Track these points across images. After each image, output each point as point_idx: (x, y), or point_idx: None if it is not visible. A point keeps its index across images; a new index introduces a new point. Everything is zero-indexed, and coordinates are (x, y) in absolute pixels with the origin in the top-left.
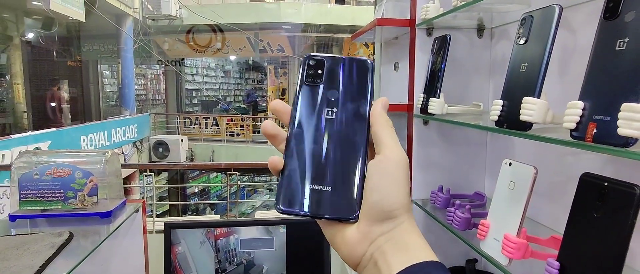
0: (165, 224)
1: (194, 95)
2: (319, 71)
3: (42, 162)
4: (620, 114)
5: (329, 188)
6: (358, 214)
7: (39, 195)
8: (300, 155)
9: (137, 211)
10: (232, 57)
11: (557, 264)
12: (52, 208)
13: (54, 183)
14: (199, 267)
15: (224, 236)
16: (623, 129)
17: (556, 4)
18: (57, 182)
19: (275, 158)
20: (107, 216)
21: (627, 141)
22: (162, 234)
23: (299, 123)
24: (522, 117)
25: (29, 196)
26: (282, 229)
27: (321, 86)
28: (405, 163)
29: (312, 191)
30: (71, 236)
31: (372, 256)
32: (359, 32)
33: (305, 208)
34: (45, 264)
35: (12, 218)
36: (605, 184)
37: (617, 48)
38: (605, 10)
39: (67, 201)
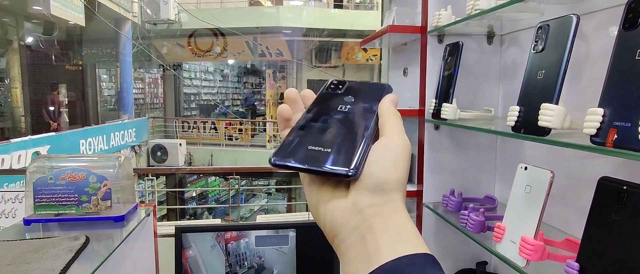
0: (176, 228)
1: (192, 99)
2: (340, 86)
3: (57, 166)
4: None
5: (329, 149)
6: (357, 171)
7: (54, 199)
8: (308, 127)
9: (148, 215)
10: (231, 61)
11: (577, 265)
12: (67, 212)
13: (69, 187)
14: (210, 271)
15: (235, 239)
16: None
17: (573, 14)
18: (72, 186)
19: (285, 106)
20: (120, 220)
21: None
22: (169, 238)
23: (314, 108)
24: (541, 123)
25: (43, 200)
26: (292, 233)
27: (340, 93)
28: (405, 146)
29: (311, 150)
30: (88, 240)
31: (358, 228)
32: (368, 39)
33: (301, 162)
34: (67, 267)
35: (27, 221)
36: (624, 187)
37: (636, 57)
38: (624, 20)
39: (81, 205)
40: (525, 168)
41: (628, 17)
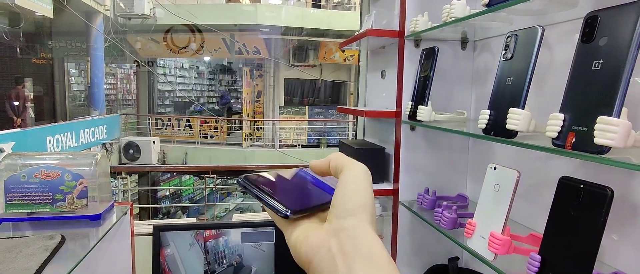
0: (154, 227)
1: (166, 96)
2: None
3: (29, 164)
4: (596, 126)
5: (282, 194)
6: (290, 213)
7: (27, 198)
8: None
9: (125, 213)
10: (207, 58)
11: (539, 257)
12: (40, 211)
13: (43, 186)
14: (188, 269)
15: (213, 237)
16: (599, 139)
17: (538, 26)
18: (46, 184)
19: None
20: (96, 218)
21: (602, 149)
22: (146, 237)
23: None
24: (509, 126)
25: (15, 198)
26: (271, 230)
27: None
28: (365, 172)
29: (268, 187)
30: (63, 239)
31: (330, 250)
32: (348, 41)
33: (257, 191)
34: (42, 266)
35: None
36: (581, 186)
37: (592, 68)
38: (582, 34)
39: (55, 204)
40: (495, 168)
41: (585, 31)
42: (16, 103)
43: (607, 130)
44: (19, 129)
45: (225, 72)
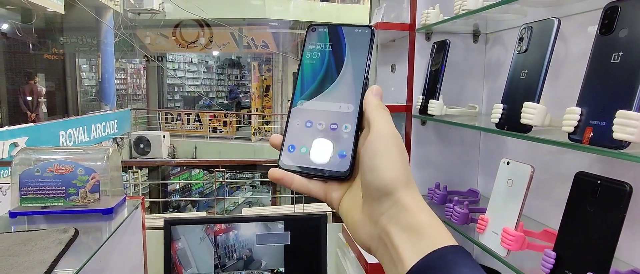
0: (165, 221)
1: (175, 90)
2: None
3: (43, 158)
4: (615, 120)
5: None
6: (349, 171)
7: (41, 192)
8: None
9: (136, 207)
10: (216, 53)
11: (553, 254)
12: (54, 204)
13: (56, 180)
14: (199, 263)
15: (224, 231)
16: (618, 134)
17: (555, 17)
18: (59, 179)
19: (276, 136)
20: (108, 212)
21: (621, 144)
22: (158, 230)
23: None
24: (523, 121)
25: (30, 192)
26: (281, 225)
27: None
28: (393, 137)
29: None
30: (77, 232)
31: (380, 238)
32: None
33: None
34: (57, 259)
35: (13, 214)
36: (598, 181)
37: (612, 61)
38: (601, 26)
39: (68, 198)
40: (508, 163)
41: (604, 22)
42: (29, 98)
43: (627, 124)
44: (32, 124)
45: (234, 67)
